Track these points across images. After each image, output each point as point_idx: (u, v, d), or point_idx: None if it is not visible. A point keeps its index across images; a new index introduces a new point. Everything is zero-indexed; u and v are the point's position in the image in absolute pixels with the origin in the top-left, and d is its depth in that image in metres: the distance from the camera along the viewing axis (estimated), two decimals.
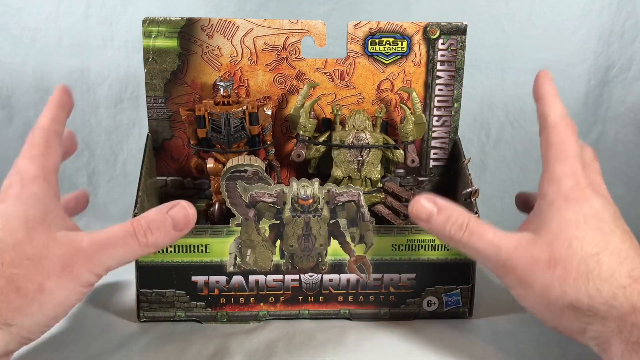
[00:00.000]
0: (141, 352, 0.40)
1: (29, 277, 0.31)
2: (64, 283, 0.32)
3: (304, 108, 0.48)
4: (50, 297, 0.32)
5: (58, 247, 0.32)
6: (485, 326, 0.44)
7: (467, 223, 0.36)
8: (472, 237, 0.36)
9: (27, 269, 0.31)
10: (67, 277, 0.32)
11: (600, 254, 0.33)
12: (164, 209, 0.35)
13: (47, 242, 0.32)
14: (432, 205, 0.37)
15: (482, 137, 0.68)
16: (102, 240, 0.33)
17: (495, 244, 0.35)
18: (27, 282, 0.31)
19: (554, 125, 0.38)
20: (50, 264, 0.32)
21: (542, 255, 0.34)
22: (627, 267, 0.33)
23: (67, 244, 0.33)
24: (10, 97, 0.66)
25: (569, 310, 0.33)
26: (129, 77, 0.66)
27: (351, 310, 0.44)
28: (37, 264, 0.32)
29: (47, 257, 0.32)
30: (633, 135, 0.67)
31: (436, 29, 0.48)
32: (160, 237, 0.34)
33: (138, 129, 0.67)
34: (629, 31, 0.65)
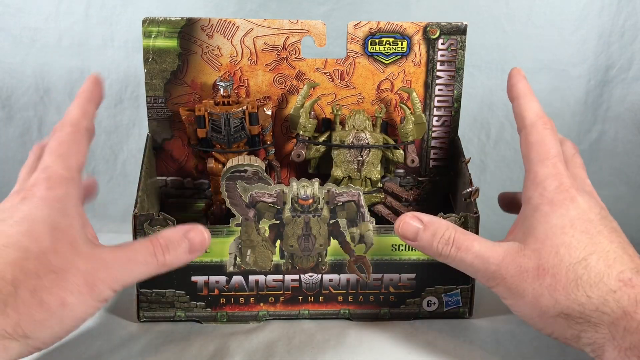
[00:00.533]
0: (141, 352, 0.40)
1: (52, 290, 0.31)
2: (85, 299, 0.32)
3: (304, 108, 0.48)
4: (70, 312, 0.31)
5: (83, 261, 0.32)
6: (485, 326, 0.44)
7: (453, 237, 0.36)
8: (460, 251, 0.36)
9: (51, 282, 0.31)
10: (89, 293, 0.32)
11: (588, 258, 0.33)
12: (182, 231, 0.35)
13: (72, 255, 0.32)
14: (417, 223, 0.37)
15: (482, 137, 0.68)
16: (124, 258, 0.33)
17: (483, 256, 0.35)
18: (50, 296, 0.31)
19: (532, 125, 0.38)
20: (74, 279, 0.31)
21: (530, 264, 0.34)
22: (616, 269, 0.32)
23: (91, 259, 0.32)
24: (10, 97, 0.66)
25: (561, 318, 0.33)
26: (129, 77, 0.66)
27: (351, 310, 0.44)
28: (62, 277, 0.31)
29: (72, 272, 0.31)
30: (633, 135, 0.67)
31: (436, 29, 0.48)
32: (175, 258, 0.35)
33: (138, 129, 0.67)
34: (629, 31, 0.65)
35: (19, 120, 0.67)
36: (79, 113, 0.36)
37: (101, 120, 0.67)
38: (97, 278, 0.32)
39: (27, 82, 0.66)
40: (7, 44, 0.65)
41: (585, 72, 0.66)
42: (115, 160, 0.68)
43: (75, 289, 0.31)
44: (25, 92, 0.66)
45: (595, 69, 0.66)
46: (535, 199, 0.36)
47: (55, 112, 0.67)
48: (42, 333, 0.31)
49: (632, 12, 0.64)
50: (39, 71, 0.66)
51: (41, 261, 0.31)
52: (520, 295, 0.34)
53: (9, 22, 0.65)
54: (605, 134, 0.67)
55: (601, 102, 0.67)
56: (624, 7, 0.64)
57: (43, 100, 0.67)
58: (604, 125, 0.67)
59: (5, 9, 0.65)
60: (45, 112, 0.67)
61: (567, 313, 0.33)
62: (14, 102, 0.67)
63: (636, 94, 0.66)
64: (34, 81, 0.66)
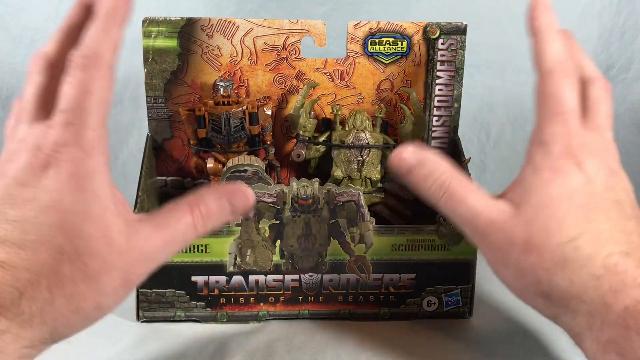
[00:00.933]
0: (141, 352, 0.40)
1: (88, 296, 0.27)
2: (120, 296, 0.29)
3: (304, 108, 0.48)
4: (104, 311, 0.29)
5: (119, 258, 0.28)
6: (485, 326, 0.44)
7: (448, 184, 0.33)
8: (451, 200, 0.32)
9: (88, 287, 0.27)
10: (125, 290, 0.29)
11: (579, 238, 0.30)
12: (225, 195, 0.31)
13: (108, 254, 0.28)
14: (413, 157, 0.33)
15: (482, 137, 0.68)
16: (163, 243, 0.30)
17: (474, 212, 0.32)
18: (87, 302, 0.28)
19: (549, 72, 0.33)
20: (110, 281, 0.28)
21: (519, 236, 0.31)
22: (605, 252, 0.30)
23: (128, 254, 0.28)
24: (10, 97, 0.66)
25: (541, 298, 0.31)
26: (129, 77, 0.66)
27: (351, 310, 0.44)
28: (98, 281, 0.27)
29: (109, 273, 0.28)
30: (633, 135, 0.67)
31: (436, 29, 0.48)
32: (216, 224, 0.31)
33: (138, 129, 0.67)
34: (629, 31, 0.65)
35: None
36: (103, 43, 0.28)
37: None
38: (132, 274, 0.29)
39: None
40: (7, 44, 0.65)
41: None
42: (115, 160, 0.68)
43: (111, 291, 0.28)
44: None
45: None
46: (537, 160, 0.32)
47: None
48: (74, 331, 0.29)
49: (632, 12, 0.64)
50: None
51: (77, 265, 0.27)
52: (504, 265, 0.32)
53: (9, 22, 0.65)
54: None
55: None
56: (624, 7, 0.64)
57: None
58: None
59: (5, 9, 0.65)
60: None
61: (547, 294, 0.31)
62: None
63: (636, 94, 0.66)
64: None
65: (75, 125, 0.27)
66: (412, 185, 0.34)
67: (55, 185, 0.27)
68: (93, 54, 0.27)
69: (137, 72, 0.65)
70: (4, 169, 0.27)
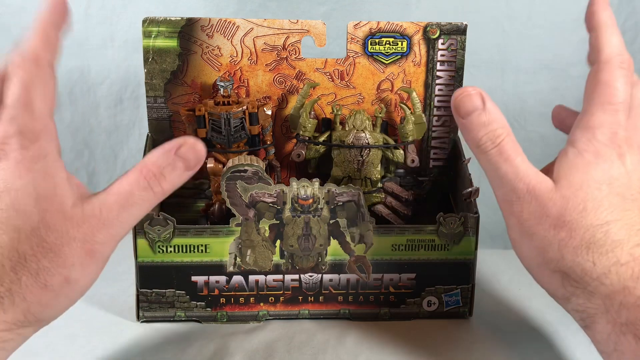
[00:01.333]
0: (141, 352, 0.40)
1: (53, 270, 0.29)
2: (89, 268, 0.30)
3: (304, 108, 0.48)
4: (76, 285, 0.30)
5: (77, 229, 0.29)
6: (485, 326, 0.44)
7: (502, 138, 0.33)
8: (500, 156, 0.33)
9: (50, 261, 0.29)
10: (90, 261, 0.30)
11: (612, 223, 0.31)
12: (172, 150, 0.31)
13: (65, 226, 0.29)
14: (480, 102, 0.33)
15: None
16: (118, 206, 0.30)
17: (517, 175, 0.32)
18: (53, 276, 0.29)
19: (607, 62, 0.33)
20: (72, 252, 0.29)
21: (554, 210, 0.31)
22: (635, 241, 0.30)
23: (84, 222, 0.30)
24: None
25: (559, 275, 0.32)
26: (129, 77, 0.66)
27: (351, 310, 0.44)
28: (59, 254, 0.29)
29: (69, 244, 0.29)
30: None
31: (436, 29, 0.48)
32: (173, 182, 0.32)
33: (138, 129, 0.67)
34: (629, 31, 0.65)
35: None
36: (40, 44, 0.30)
37: (101, 120, 0.67)
38: (95, 242, 0.30)
39: None
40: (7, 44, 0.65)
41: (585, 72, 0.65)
42: (115, 160, 0.68)
43: (76, 262, 0.29)
44: None
45: None
46: (582, 143, 0.33)
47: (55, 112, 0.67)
48: (51, 312, 0.30)
49: (632, 12, 0.64)
50: None
51: (35, 241, 0.28)
52: (529, 236, 0.32)
53: (9, 22, 0.65)
54: None
55: None
56: (624, 7, 0.64)
57: None
58: None
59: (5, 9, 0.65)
60: None
61: (567, 272, 0.31)
62: None
63: None
64: None
65: (19, 118, 0.29)
66: (463, 128, 0.34)
67: (4, 173, 0.28)
68: (31, 53, 0.30)
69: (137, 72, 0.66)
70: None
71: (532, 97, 0.67)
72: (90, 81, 0.66)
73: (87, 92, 0.67)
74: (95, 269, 0.31)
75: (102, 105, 0.67)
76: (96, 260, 0.30)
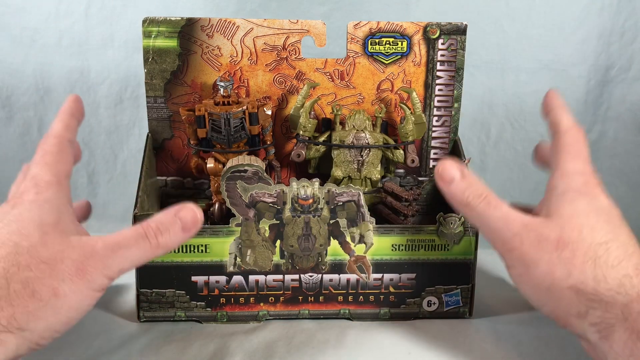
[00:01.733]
0: (141, 352, 0.40)
1: (43, 280, 0.32)
2: (78, 287, 0.32)
3: (304, 108, 0.48)
4: (64, 301, 0.32)
5: (72, 250, 0.33)
6: (485, 326, 0.44)
7: (485, 194, 0.37)
8: (489, 206, 0.36)
9: (42, 272, 0.32)
10: (81, 280, 0.32)
11: (610, 243, 0.33)
12: (172, 212, 0.35)
13: (62, 246, 0.33)
14: (457, 171, 0.38)
15: (482, 137, 0.68)
16: (115, 243, 0.34)
17: (508, 217, 0.36)
18: (42, 286, 0.31)
19: (567, 130, 0.39)
20: (65, 268, 0.32)
21: (552, 235, 0.34)
22: (635, 260, 0.33)
23: (81, 248, 0.33)
24: (10, 97, 0.66)
25: (572, 292, 0.33)
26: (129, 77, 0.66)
27: (351, 310, 0.44)
28: (53, 267, 0.32)
29: (62, 261, 0.32)
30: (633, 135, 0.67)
31: (436, 29, 0.48)
32: (170, 239, 0.35)
33: (138, 129, 0.67)
34: (629, 31, 0.65)
35: (19, 120, 0.67)
36: (61, 126, 0.38)
37: (101, 120, 0.67)
38: (87, 265, 0.33)
39: (27, 82, 0.66)
40: (7, 44, 0.65)
41: (585, 72, 0.66)
42: (115, 160, 0.68)
43: (66, 277, 0.32)
44: (25, 92, 0.66)
45: (595, 69, 0.66)
46: (561, 187, 0.36)
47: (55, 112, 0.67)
48: (37, 324, 0.31)
49: (632, 12, 0.64)
50: (39, 71, 0.66)
51: (31, 254, 0.32)
52: (535, 264, 0.34)
53: (9, 22, 0.65)
54: (605, 134, 0.67)
55: (601, 102, 0.67)
56: (624, 7, 0.64)
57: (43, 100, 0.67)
58: (604, 125, 0.67)
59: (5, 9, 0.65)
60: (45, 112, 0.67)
61: (579, 288, 0.33)
62: (14, 102, 0.67)
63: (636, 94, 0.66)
64: (34, 81, 0.66)
65: (36, 174, 0.36)
66: (450, 195, 0.38)
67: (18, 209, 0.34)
68: (53, 133, 0.38)
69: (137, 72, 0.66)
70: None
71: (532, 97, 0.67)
72: (90, 81, 0.66)
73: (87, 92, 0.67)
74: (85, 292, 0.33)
75: (102, 106, 0.67)
76: (86, 282, 0.33)
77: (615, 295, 0.32)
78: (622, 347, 0.31)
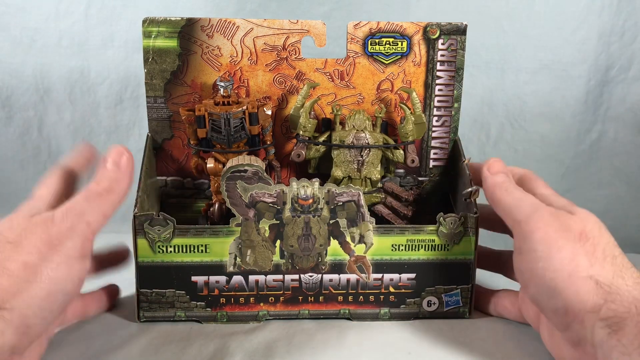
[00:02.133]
0: (141, 352, 0.40)
1: (12, 257, 0.34)
2: (49, 257, 0.34)
3: (304, 108, 0.48)
4: (36, 272, 0.34)
5: (35, 227, 0.35)
6: (485, 326, 0.44)
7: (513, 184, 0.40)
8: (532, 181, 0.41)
9: (10, 251, 0.34)
10: (49, 249, 0.34)
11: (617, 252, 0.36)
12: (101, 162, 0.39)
13: (25, 224, 0.35)
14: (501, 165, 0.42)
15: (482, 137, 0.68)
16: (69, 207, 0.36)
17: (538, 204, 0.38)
18: (12, 262, 0.33)
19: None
20: (30, 243, 0.34)
21: (576, 226, 0.36)
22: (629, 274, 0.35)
23: (43, 222, 0.35)
24: (10, 97, 0.67)
25: (592, 282, 0.34)
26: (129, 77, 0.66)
27: (351, 310, 0.44)
28: (18, 245, 0.34)
29: (27, 238, 0.34)
30: (633, 135, 0.67)
31: (436, 29, 0.48)
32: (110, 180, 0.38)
33: (138, 129, 0.67)
34: (629, 31, 0.65)
35: (19, 120, 0.67)
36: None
37: (101, 120, 0.67)
38: (51, 234, 0.35)
39: (27, 82, 0.66)
40: (7, 44, 0.65)
41: (585, 72, 0.66)
42: None
43: (33, 250, 0.34)
44: (25, 92, 0.67)
45: (595, 69, 0.66)
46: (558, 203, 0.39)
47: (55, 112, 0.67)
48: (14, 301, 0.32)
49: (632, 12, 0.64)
50: (39, 71, 0.66)
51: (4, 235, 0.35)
52: (558, 249, 0.35)
53: (9, 22, 0.65)
54: (605, 134, 0.67)
55: (601, 102, 0.67)
56: (624, 7, 0.64)
57: (43, 100, 0.67)
58: (604, 125, 0.67)
59: (5, 9, 0.65)
60: (45, 112, 0.67)
61: (599, 280, 0.34)
62: (14, 102, 0.67)
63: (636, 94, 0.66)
64: (34, 81, 0.66)
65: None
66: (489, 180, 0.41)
67: None
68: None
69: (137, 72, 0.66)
70: None
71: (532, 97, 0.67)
72: (90, 81, 0.66)
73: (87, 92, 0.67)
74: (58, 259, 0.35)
75: (102, 106, 0.67)
76: (56, 250, 0.35)
77: (632, 290, 0.33)
78: (631, 341, 0.32)
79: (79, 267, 0.36)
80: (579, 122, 0.67)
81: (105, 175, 0.38)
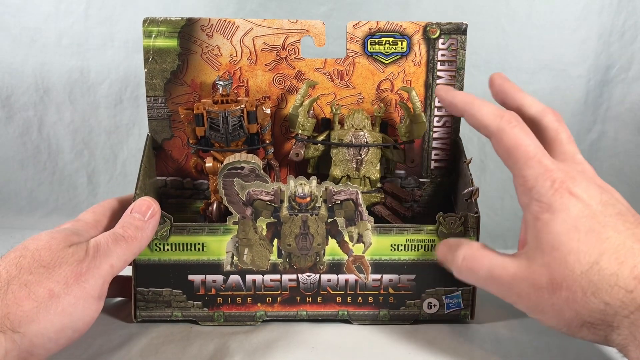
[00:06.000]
0: (141, 352, 0.40)
1: (41, 282, 0.33)
2: (73, 290, 0.34)
3: (303, 107, 0.47)
4: (58, 303, 0.33)
5: (70, 256, 0.35)
6: (487, 330, 0.43)
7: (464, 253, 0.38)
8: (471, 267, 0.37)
9: (41, 275, 0.34)
10: (75, 283, 0.34)
11: (599, 260, 0.32)
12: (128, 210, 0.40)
13: (63, 252, 0.35)
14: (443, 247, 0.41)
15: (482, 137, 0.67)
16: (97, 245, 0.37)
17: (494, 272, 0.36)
18: (39, 287, 0.33)
19: (499, 130, 0.36)
20: (62, 272, 0.34)
21: (543, 280, 0.33)
22: (629, 265, 0.31)
23: (77, 254, 0.35)
24: (10, 97, 0.67)
25: (586, 327, 0.33)
26: (129, 77, 0.66)
27: (350, 312, 0.44)
28: (51, 271, 0.34)
29: (60, 266, 0.34)
30: (633, 135, 0.67)
31: (436, 28, 0.48)
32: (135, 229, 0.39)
33: (138, 129, 0.67)
34: (629, 31, 0.64)
35: (19, 120, 0.67)
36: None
37: (101, 120, 0.67)
38: (81, 268, 0.35)
39: (27, 82, 0.66)
40: (7, 44, 0.65)
41: (585, 72, 0.65)
42: (115, 160, 0.68)
43: (62, 280, 0.34)
44: (25, 92, 0.67)
45: (595, 69, 0.65)
46: (533, 207, 0.35)
47: (55, 112, 0.67)
48: (29, 327, 0.32)
49: (632, 12, 0.64)
50: (39, 71, 0.66)
51: (34, 257, 0.34)
52: (541, 310, 0.34)
53: (9, 22, 0.65)
54: (605, 134, 0.67)
55: (601, 102, 0.67)
56: (624, 7, 0.64)
57: (43, 100, 0.67)
58: (604, 125, 0.67)
59: (5, 9, 0.65)
60: (45, 112, 0.67)
61: (590, 322, 0.33)
62: (14, 102, 0.67)
63: (636, 94, 0.66)
64: (34, 81, 0.66)
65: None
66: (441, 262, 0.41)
67: None
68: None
69: (137, 72, 0.66)
70: None
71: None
72: (90, 81, 0.66)
73: (87, 92, 0.67)
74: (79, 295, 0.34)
75: (102, 106, 0.67)
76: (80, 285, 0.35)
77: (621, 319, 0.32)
78: None
79: (94, 307, 0.36)
80: (579, 122, 0.66)
81: (131, 222, 0.39)
